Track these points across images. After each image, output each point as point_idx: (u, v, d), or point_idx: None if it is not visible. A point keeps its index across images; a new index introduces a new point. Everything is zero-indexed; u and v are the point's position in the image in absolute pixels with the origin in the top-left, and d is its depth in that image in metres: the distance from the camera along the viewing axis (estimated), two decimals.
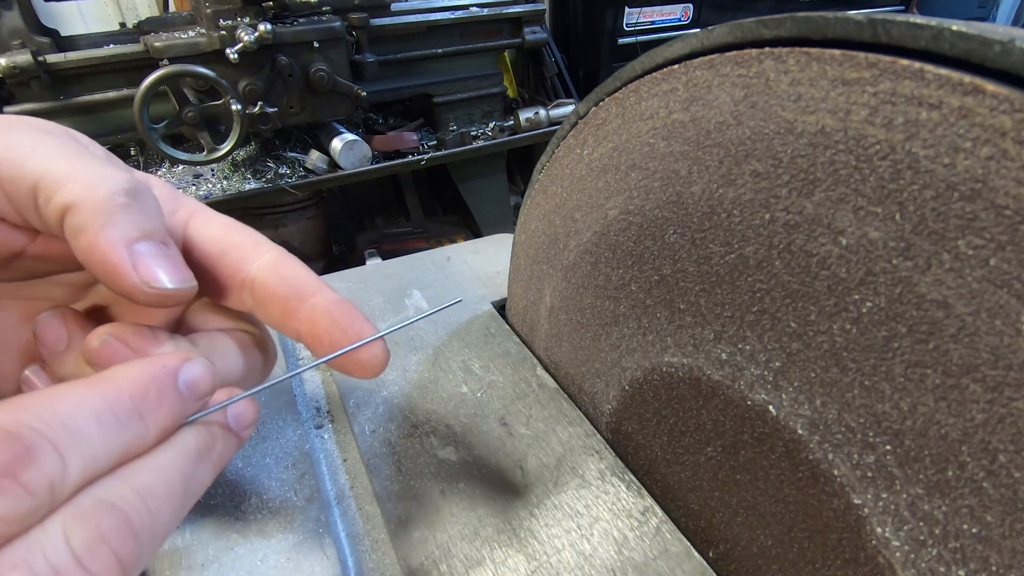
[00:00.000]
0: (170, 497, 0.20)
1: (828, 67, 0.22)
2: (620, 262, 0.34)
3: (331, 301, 0.25)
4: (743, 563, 0.30)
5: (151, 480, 0.19)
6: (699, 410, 0.31)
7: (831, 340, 0.24)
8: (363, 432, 0.39)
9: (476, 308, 0.51)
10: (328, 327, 0.25)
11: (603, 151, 0.34)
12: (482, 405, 0.40)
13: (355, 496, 0.37)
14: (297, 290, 0.25)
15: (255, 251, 0.26)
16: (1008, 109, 0.18)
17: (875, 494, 0.23)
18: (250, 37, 1.22)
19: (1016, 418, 0.18)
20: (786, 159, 0.24)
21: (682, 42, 0.28)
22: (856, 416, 0.23)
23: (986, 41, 0.18)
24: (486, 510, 0.33)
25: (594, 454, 0.36)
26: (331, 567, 0.31)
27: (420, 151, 1.60)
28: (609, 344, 0.37)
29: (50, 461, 0.16)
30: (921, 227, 0.20)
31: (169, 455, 0.20)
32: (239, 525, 0.33)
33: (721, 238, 0.27)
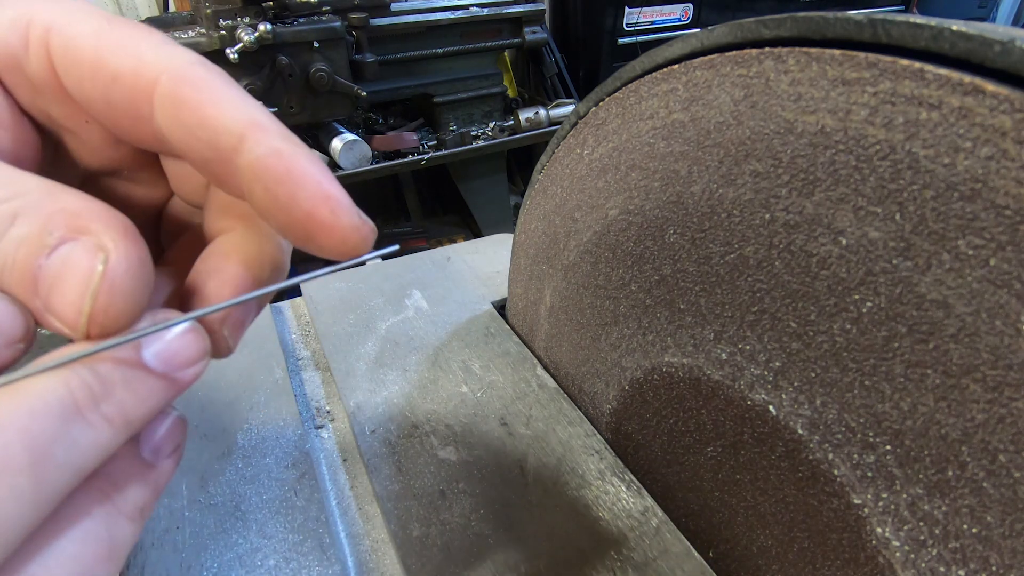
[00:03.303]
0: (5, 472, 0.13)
1: (828, 67, 0.22)
2: (620, 262, 0.34)
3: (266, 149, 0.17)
4: (743, 563, 0.30)
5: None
6: (699, 410, 0.31)
7: (831, 340, 0.24)
8: (363, 432, 0.39)
9: (476, 308, 0.51)
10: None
11: (603, 151, 0.34)
12: (482, 405, 0.40)
13: (355, 496, 0.37)
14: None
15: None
16: (1008, 109, 0.18)
17: (875, 494, 0.23)
18: (250, 37, 1.22)
19: (1016, 418, 0.18)
20: (786, 159, 0.24)
21: (682, 42, 0.28)
22: (856, 416, 0.23)
23: (986, 41, 0.18)
24: (486, 510, 0.33)
25: (594, 454, 0.36)
26: (331, 567, 0.31)
27: (420, 151, 1.60)
28: (609, 344, 0.37)
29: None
30: (921, 227, 0.20)
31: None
32: (239, 525, 0.33)
33: (721, 238, 0.27)
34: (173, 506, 0.34)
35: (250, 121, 0.17)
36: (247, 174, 0.17)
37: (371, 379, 0.43)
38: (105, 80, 0.17)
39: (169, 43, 0.17)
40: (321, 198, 0.17)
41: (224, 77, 0.18)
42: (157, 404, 0.17)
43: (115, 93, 0.17)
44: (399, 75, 1.59)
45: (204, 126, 0.17)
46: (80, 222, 0.16)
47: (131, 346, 0.16)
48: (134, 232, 0.16)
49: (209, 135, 0.17)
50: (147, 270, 0.16)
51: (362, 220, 0.18)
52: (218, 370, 0.44)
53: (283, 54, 1.30)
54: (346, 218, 0.17)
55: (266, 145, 0.17)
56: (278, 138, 0.17)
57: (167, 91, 0.17)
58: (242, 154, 0.17)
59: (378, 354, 0.46)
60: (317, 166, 0.17)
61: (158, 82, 0.17)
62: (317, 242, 0.17)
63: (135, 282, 0.16)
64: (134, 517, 0.17)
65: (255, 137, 0.17)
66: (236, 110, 0.17)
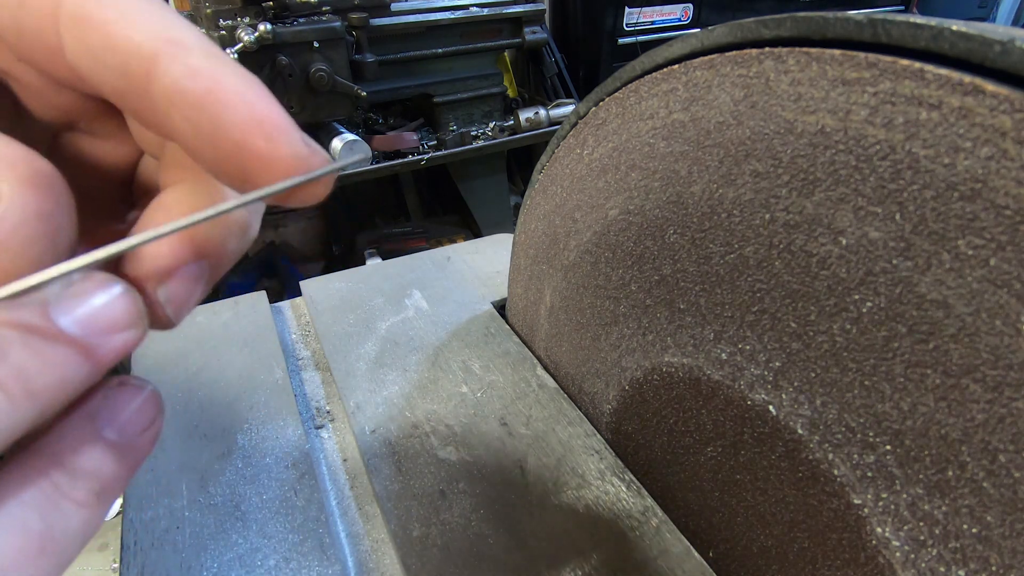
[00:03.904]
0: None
1: (828, 67, 0.22)
2: (620, 262, 0.34)
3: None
4: (743, 563, 0.30)
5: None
6: (699, 410, 0.31)
7: (831, 340, 0.24)
8: (363, 432, 0.39)
9: (476, 308, 0.51)
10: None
11: (603, 151, 0.34)
12: (482, 405, 0.40)
13: (355, 496, 0.37)
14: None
15: None
16: (1008, 109, 0.18)
17: (875, 494, 0.23)
18: (250, 37, 1.22)
19: (1016, 418, 0.18)
20: (786, 159, 0.24)
21: (682, 42, 0.28)
22: (856, 416, 0.23)
23: (986, 41, 0.18)
24: (486, 510, 0.33)
25: (594, 454, 0.36)
26: (331, 567, 0.31)
27: (420, 151, 1.60)
28: (609, 344, 0.37)
29: None
30: (921, 227, 0.20)
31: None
32: (239, 525, 0.33)
33: (721, 238, 0.27)
34: (173, 506, 0.34)
35: (165, 38, 0.14)
36: (163, 103, 0.14)
37: (371, 379, 0.43)
38: (11, 6, 0.15)
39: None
40: (252, 122, 0.14)
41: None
42: (73, 376, 0.14)
43: (24, 18, 0.15)
44: (399, 75, 1.59)
45: (110, 48, 0.14)
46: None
47: (37, 303, 0.14)
48: (43, 179, 0.14)
49: (117, 59, 0.14)
50: (50, 226, 0.14)
51: (309, 148, 0.15)
52: (218, 370, 0.44)
53: (283, 54, 1.30)
54: (286, 146, 0.14)
55: (182, 64, 0.14)
56: (198, 55, 0.14)
57: (70, 9, 0.14)
58: (155, 79, 0.14)
59: (378, 354, 0.46)
60: (247, 83, 0.14)
61: (62, 3, 0.14)
62: (254, 180, 0.14)
63: (27, 236, 0.14)
64: (86, 502, 0.15)
65: (170, 56, 0.14)
66: (148, 25, 0.14)
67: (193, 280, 0.17)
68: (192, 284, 0.17)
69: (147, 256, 0.16)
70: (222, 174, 0.15)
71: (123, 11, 0.14)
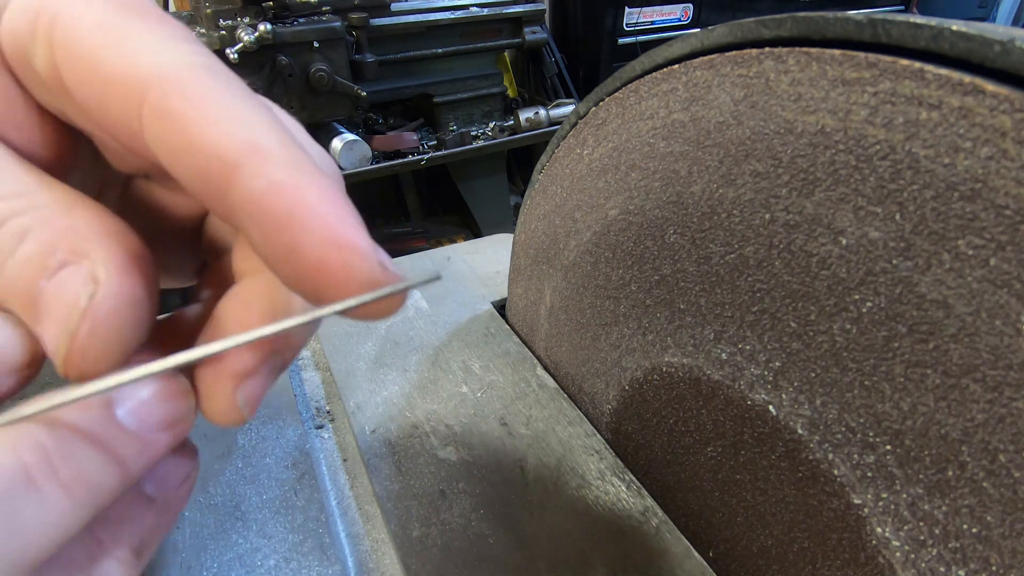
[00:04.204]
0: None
1: (828, 67, 0.22)
2: (620, 262, 0.34)
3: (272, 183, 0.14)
4: (743, 563, 0.30)
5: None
6: (699, 410, 0.31)
7: (831, 340, 0.24)
8: (363, 432, 0.39)
9: (476, 308, 0.51)
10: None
11: (603, 151, 0.34)
12: (482, 405, 0.40)
13: (355, 496, 0.37)
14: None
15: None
16: (1008, 109, 0.18)
17: (875, 494, 0.23)
18: (250, 37, 1.22)
19: (1016, 418, 0.18)
20: (786, 159, 0.24)
21: (682, 42, 0.28)
22: (856, 416, 0.23)
23: (986, 41, 0.18)
24: (486, 510, 0.33)
25: (594, 454, 0.36)
26: (331, 567, 0.31)
27: (420, 151, 1.60)
28: (609, 344, 0.37)
29: None
30: (921, 227, 0.20)
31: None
32: (239, 525, 0.33)
33: (721, 238, 0.27)
34: None
35: (249, 144, 0.13)
36: (240, 213, 0.13)
37: (371, 379, 0.43)
38: (98, 85, 0.14)
39: (179, 40, 0.14)
40: (331, 246, 0.13)
41: (231, 85, 0.14)
42: (132, 473, 0.14)
43: (109, 101, 0.14)
44: (399, 75, 1.59)
45: (190, 149, 0.13)
46: (83, 244, 0.14)
47: (102, 399, 0.14)
48: (137, 262, 0.14)
49: (197, 161, 0.13)
50: (140, 312, 0.14)
51: (385, 270, 0.14)
52: None
53: (283, 54, 1.30)
54: (363, 271, 0.14)
55: (264, 178, 0.13)
56: (281, 166, 0.13)
57: (155, 103, 0.13)
58: (235, 189, 0.13)
59: (378, 354, 0.46)
60: (329, 200, 0.14)
61: (148, 91, 0.14)
62: (327, 298, 0.14)
63: (120, 323, 0.14)
64: (126, 559, 0.15)
65: (252, 166, 0.13)
66: (233, 129, 0.13)
67: (268, 377, 0.17)
68: (267, 380, 0.17)
69: (224, 359, 0.16)
70: (298, 289, 0.14)
71: (207, 110, 0.13)
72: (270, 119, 0.14)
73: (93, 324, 0.13)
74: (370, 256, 0.14)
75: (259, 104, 0.15)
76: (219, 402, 0.16)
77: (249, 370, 0.16)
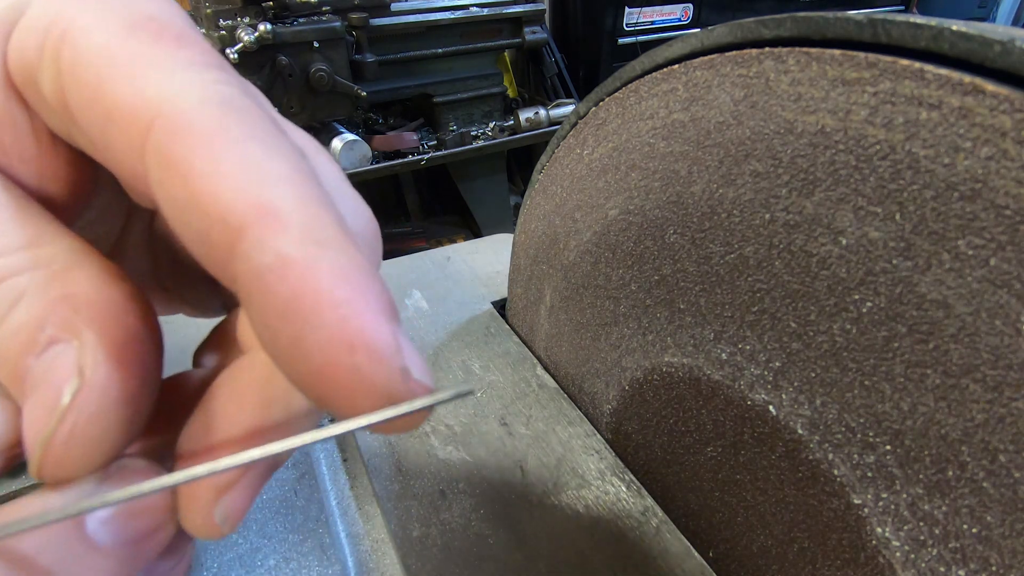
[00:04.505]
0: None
1: (828, 67, 0.22)
2: (620, 262, 0.34)
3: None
4: (743, 563, 0.30)
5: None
6: (699, 410, 0.31)
7: (831, 340, 0.24)
8: (363, 432, 0.39)
9: (476, 308, 0.51)
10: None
11: (603, 151, 0.34)
12: (482, 405, 0.40)
13: (355, 496, 0.37)
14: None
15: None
16: (1008, 109, 0.18)
17: (875, 494, 0.23)
18: (250, 37, 1.22)
19: (1016, 418, 0.18)
20: (786, 159, 0.24)
21: (682, 42, 0.28)
22: (856, 416, 0.23)
23: (986, 41, 0.18)
24: (486, 510, 0.33)
25: (594, 454, 0.36)
26: (331, 567, 0.31)
27: (420, 151, 1.60)
28: (609, 344, 0.37)
29: None
30: (921, 227, 0.20)
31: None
32: (239, 525, 0.33)
33: (721, 238, 0.27)
34: None
35: (259, 205, 0.10)
36: (243, 290, 0.11)
37: None
38: (101, 115, 0.12)
39: (198, 67, 0.12)
40: (341, 345, 0.10)
41: (255, 126, 0.12)
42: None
43: (112, 136, 0.12)
44: (399, 75, 1.59)
45: (192, 207, 0.11)
46: (75, 319, 0.12)
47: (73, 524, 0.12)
48: (135, 344, 0.12)
49: (198, 221, 0.11)
50: (131, 410, 0.12)
51: (407, 382, 0.11)
52: None
53: (283, 54, 1.30)
54: (379, 381, 0.11)
55: (270, 251, 0.10)
56: (295, 236, 0.10)
57: (156, 143, 0.11)
58: (237, 260, 0.11)
59: None
60: (351, 283, 0.11)
61: (151, 129, 0.11)
62: (333, 408, 0.11)
63: (105, 427, 0.12)
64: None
65: (258, 234, 0.10)
66: (244, 183, 0.11)
67: (254, 486, 0.14)
68: (253, 490, 0.14)
69: (211, 458, 0.13)
70: (299, 388, 0.12)
71: (215, 158, 0.11)
72: (294, 170, 0.11)
73: (73, 428, 0.11)
74: (390, 361, 0.11)
75: (287, 151, 0.12)
76: (195, 516, 0.13)
77: (231, 480, 0.13)
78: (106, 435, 0.12)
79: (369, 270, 0.11)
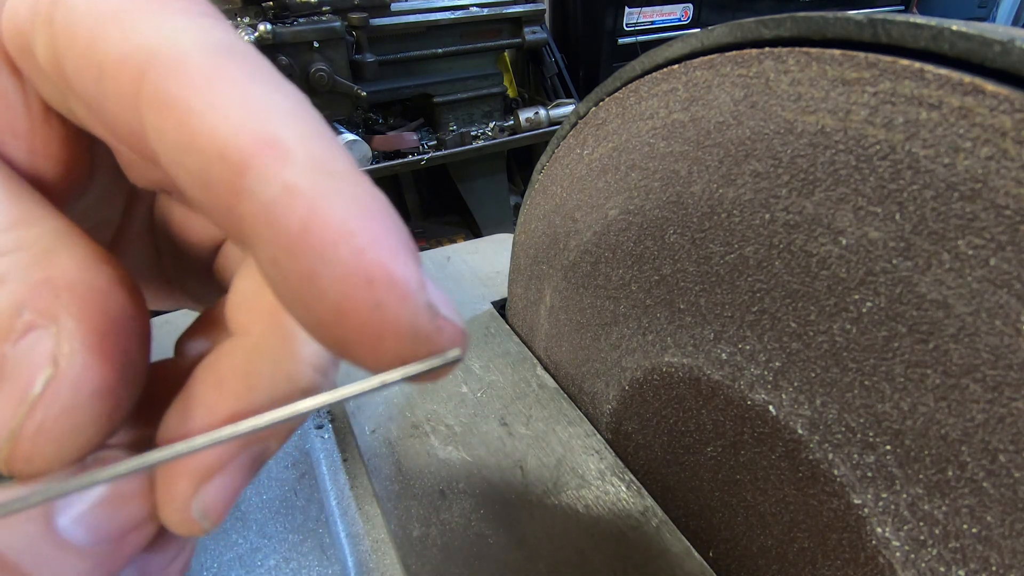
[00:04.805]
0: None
1: (828, 67, 0.22)
2: (620, 262, 0.34)
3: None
4: (743, 563, 0.30)
5: None
6: (699, 410, 0.31)
7: (831, 340, 0.24)
8: (363, 432, 0.39)
9: (476, 308, 0.51)
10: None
11: (603, 151, 0.34)
12: (482, 405, 0.40)
13: (355, 496, 0.37)
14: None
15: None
16: (1008, 109, 0.18)
17: (875, 494, 0.23)
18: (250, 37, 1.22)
19: (1016, 418, 0.18)
20: (786, 159, 0.24)
21: (682, 42, 0.28)
22: (856, 416, 0.23)
23: (986, 41, 0.18)
24: (486, 510, 0.33)
25: (594, 454, 0.36)
26: (331, 567, 0.31)
27: (420, 151, 1.60)
28: (609, 344, 0.37)
29: None
30: (921, 227, 0.20)
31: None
32: (239, 525, 0.33)
33: (721, 238, 0.27)
34: None
35: (263, 138, 0.10)
36: (250, 232, 0.10)
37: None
38: (95, 70, 0.11)
39: (193, 15, 0.11)
40: (359, 280, 0.09)
41: (253, 69, 0.11)
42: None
43: (107, 90, 0.11)
44: (399, 75, 1.59)
45: (191, 147, 0.10)
46: (54, 304, 0.11)
47: (40, 508, 0.11)
48: (117, 333, 0.11)
49: (197, 162, 0.10)
50: (109, 403, 0.11)
51: (434, 319, 0.10)
52: None
53: (283, 54, 1.30)
54: (401, 318, 0.10)
55: (276, 182, 0.09)
56: (304, 166, 0.10)
57: (152, 88, 0.10)
58: (242, 200, 0.10)
59: None
60: (366, 211, 0.10)
61: (145, 74, 0.10)
62: (353, 355, 0.10)
63: (78, 422, 0.11)
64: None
65: (263, 167, 0.10)
66: (244, 119, 0.10)
67: (240, 476, 0.13)
68: (238, 480, 0.13)
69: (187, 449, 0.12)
70: (314, 336, 0.11)
71: (213, 95, 0.10)
72: (299, 106, 0.11)
73: (43, 421, 0.11)
74: (415, 296, 0.10)
75: (290, 90, 0.11)
76: (171, 511, 0.12)
77: (211, 468, 0.12)
78: (80, 429, 0.11)
79: (385, 203, 0.10)
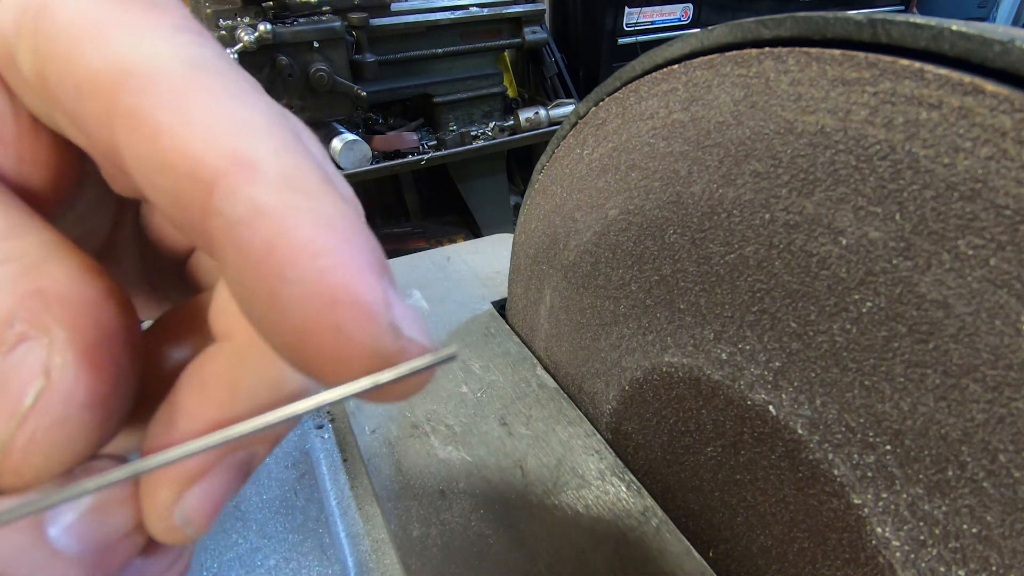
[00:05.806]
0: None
1: (828, 67, 0.22)
2: (620, 262, 0.34)
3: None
4: (743, 563, 0.30)
5: None
6: (699, 410, 0.31)
7: (831, 340, 0.24)
8: (363, 432, 0.39)
9: (476, 308, 0.51)
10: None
11: (603, 151, 0.34)
12: (482, 405, 0.40)
13: (355, 496, 0.37)
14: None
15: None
16: (1008, 109, 0.18)
17: (875, 494, 0.23)
18: (250, 37, 1.22)
19: (1016, 418, 0.18)
20: (786, 159, 0.24)
21: (682, 42, 0.28)
22: (856, 416, 0.23)
23: (986, 41, 0.18)
24: (486, 510, 0.33)
25: (594, 454, 0.36)
26: (331, 567, 0.31)
27: (420, 151, 1.60)
28: (609, 344, 0.37)
29: None
30: (921, 227, 0.20)
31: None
32: (239, 525, 0.33)
33: (721, 238, 0.27)
34: None
35: (234, 156, 0.10)
36: (218, 251, 0.10)
37: None
38: (74, 85, 0.11)
39: (171, 30, 0.11)
40: (322, 301, 0.09)
41: (229, 83, 0.11)
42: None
43: (85, 106, 0.11)
44: (399, 75, 1.59)
45: (162, 165, 0.10)
46: (47, 315, 0.11)
47: (31, 518, 0.11)
48: (109, 343, 0.11)
49: (169, 181, 0.10)
50: (100, 416, 0.11)
51: (398, 340, 0.10)
52: None
53: (283, 54, 1.30)
54: (364, 340, 0.10)
55: (244, 201, 0.09)
56: (273, 184, 0.10)
57: (126, 104, 0.10)
58: (210, 218, 0.10)
59: None
60: (333, 230, 0.10)
61: (119, 91, 0.10)
62: (318, 375, 0.10)
63: (69, 435, 0.11)
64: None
65: (232, 186, 0.10)
66: (215, 136, 0.10)
67: (226, 482, 0.13)
68: (224, 487, 0.13)
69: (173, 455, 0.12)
70: (281, 355, 0.11)
71: (185, 112, 0.10)
72: (273, 123, 0.11)
73: (34, 433, 0.10)
74: (377, 317, 0.10)
75: (265, 106, 0.11)
76: (154, 518, 0.12)
77: (192, 475, 0.12)
78: (71, 441, 0.11)
79: (355, 220, 0.10)
